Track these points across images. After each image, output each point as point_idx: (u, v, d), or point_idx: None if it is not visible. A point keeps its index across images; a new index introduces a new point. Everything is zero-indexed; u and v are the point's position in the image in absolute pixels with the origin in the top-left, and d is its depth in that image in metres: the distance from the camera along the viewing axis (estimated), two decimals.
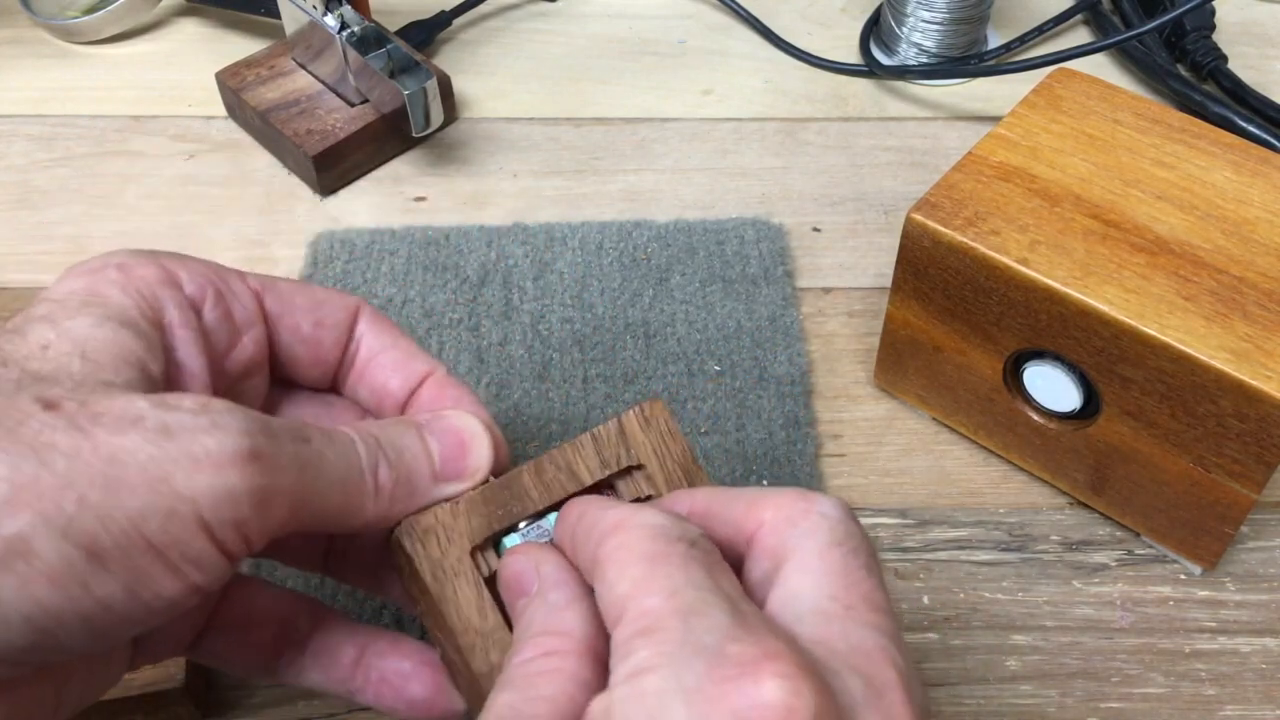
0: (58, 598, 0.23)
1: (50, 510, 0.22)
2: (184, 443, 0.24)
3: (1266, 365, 0.34)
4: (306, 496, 0.26)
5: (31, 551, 0.22)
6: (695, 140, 0.57)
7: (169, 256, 0.29)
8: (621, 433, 0.31)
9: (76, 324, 0.26)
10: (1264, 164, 0.40)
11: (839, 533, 0.25)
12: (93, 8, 0.62)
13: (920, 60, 0.60)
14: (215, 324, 0.29)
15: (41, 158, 0.56)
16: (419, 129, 0.52)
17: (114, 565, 0.23)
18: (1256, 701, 0.38)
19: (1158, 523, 0.40)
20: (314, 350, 0.32)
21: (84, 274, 0.28)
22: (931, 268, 0.40)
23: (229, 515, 0.24)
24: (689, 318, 0.48)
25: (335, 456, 0.27)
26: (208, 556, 0.24)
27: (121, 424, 0.24)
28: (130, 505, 0.23)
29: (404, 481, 0.29)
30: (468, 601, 0.28)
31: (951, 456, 0.44)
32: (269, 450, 0.25)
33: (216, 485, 0.24)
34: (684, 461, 0.31)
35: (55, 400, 0.24)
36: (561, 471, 0.30)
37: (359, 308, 0.32)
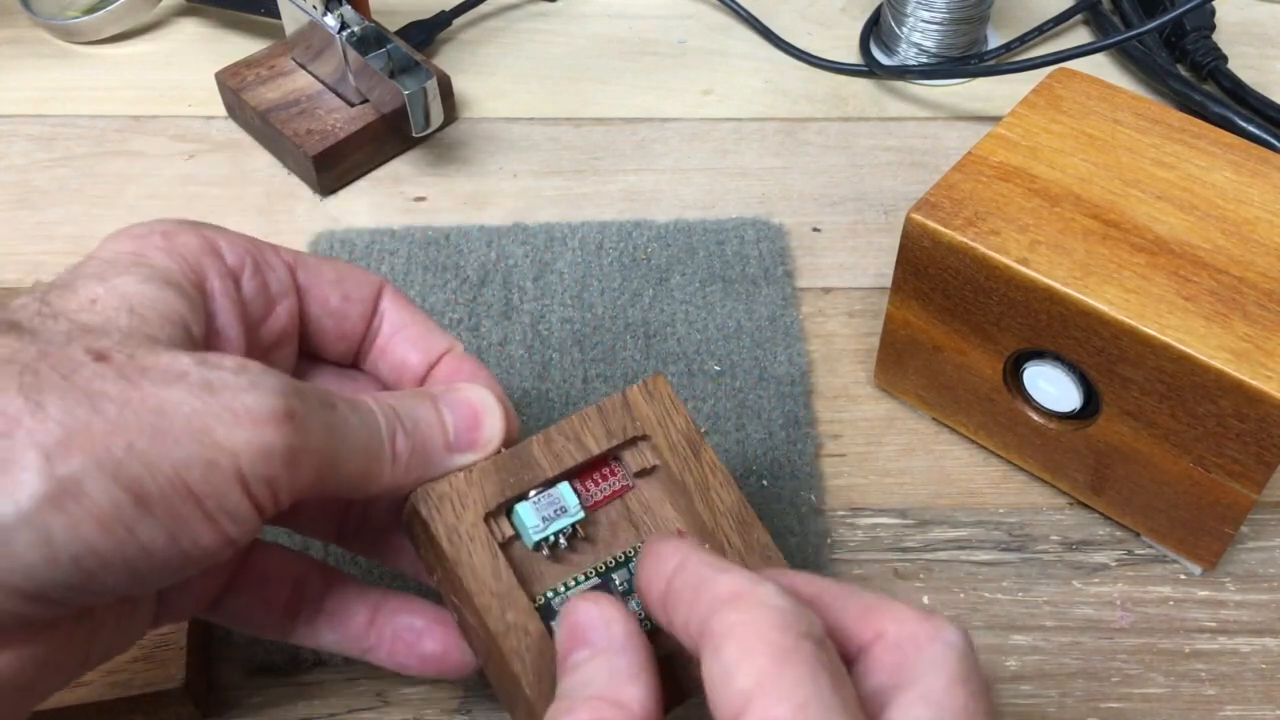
0: (105, 540, 0.23)
1: (101, 454, 0.23)
2: (225, 398, 0.25)
3: (1266, 365, 0.34)
4: (331, 460, 0.27)
5: (83, 493, 0.23)
6: (695, 140, 0.57)
7: (209, 227, 0.30)
8: (626, 404, 0.32)
9: (124, 281, 0.27)
10: (1264, 164, 0.40)
11: (964, 668, 0.25)
12: (93, 8, 0.62)
13: (920, 60, 0.60)
14: (252, 294, 0.30)
15: (41, 158, 0.56)
16: (419, 129, 0.52)
17: (158, 511, 0.24)
18: (1256, 701, 0.38)
19: (1158, 523, 0.40)
20: (340, 324, 0.32)
21: (130, 238, 0.29)
22: (931, 268, 0.40)
23: (263, 470, 0.25)
24: (689, 318, 0.48)
25: (358, 423, 0.28)
26: (242, 509, 0.25)
27: (167, 377, 0.25)
28: (175, 454, 0.24)
29: (419, 450, 0.29)
30: (483, 564, 0.29)
31: (951, 456, 0.44)
32: (302, 411, 0.26)
33: (254, 440, 0.25)
34: (687, 432, 0.32)
35: (105, 351, 0.25)
36: (570, 441, 0.31)
37: (382, 285, 0.33)
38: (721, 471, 0.32)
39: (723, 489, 0.32)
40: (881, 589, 0.41)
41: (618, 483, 0.33)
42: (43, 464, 0.23)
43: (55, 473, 0.23)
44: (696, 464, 0.32)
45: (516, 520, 0.31)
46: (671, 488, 0.32)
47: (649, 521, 0.33)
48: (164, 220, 0.30)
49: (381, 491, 0.29)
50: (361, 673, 0.38)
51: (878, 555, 0.42)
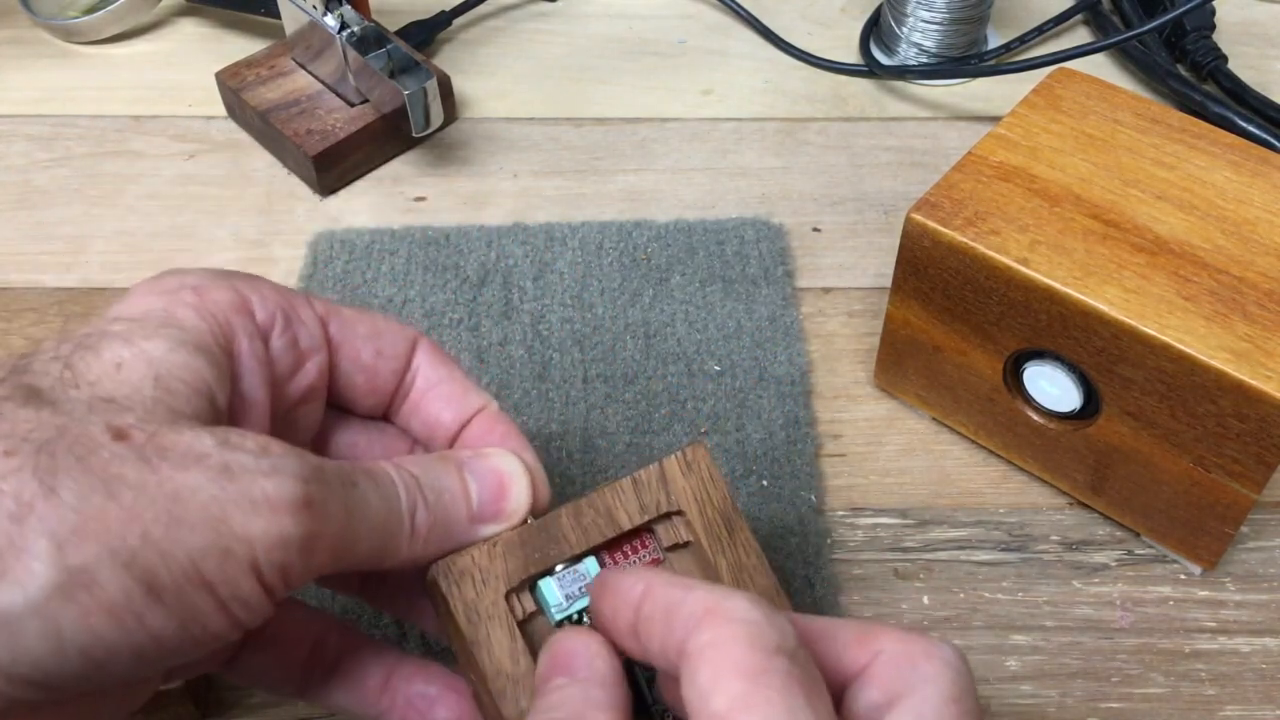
0: (114, 630, 0.23)
1: (115, 544, 0.23)
2: (244, 484, 0.24)
3: (1266, 365, 0.34)
4: (349, 541, 0.26)
5: (94, 583, 0.22)
6: (695, 140, 0.57)
7: (242, 279, 0.30)
8: (663, 477, 0.31)
9: (151, 345, 0.26)
10: (1264, 164, 0.40)
11: (959, 687, 0.25)
12: (93, 8, 0.62)
13: (920, 60, 0.60)
14: (281, 351, 0.30)
15: (41, 158, 0.56)
16: (419, 129, 0.52)
17: (169, 600, 0.23)
18: (1256, 701, 0.38)
19: (1158, 523, 0.40)
20: (371, 379, 0.32)
21: (160, 293, 0.28)
22: (931, 268, 0.40)
23: (278, 559, 0.25)
24: (689, 318, 0.48)
25: (378, 500, 0.27)
26: (254, 596, 0.25)
27: (186, 460, 0.24)
28: (190, 543, 0.23)
29: (440, 524, 0.29)
30: (500, 646, 0.29)
31: (951, 456, 0.44)
32: (320, 497, 0.25)
33: (270, 530, 0.24)
34: (724, 508, 0.31)
35: (125, 430, 0.24)
36: (600, 516, 0.30)
37: (417, 339, 0.33)
38: (756, 552, 0.31)
39: (756, 573, 0.31)
40: (881, 589, 0.41)
41: (648, 555, 0.31)
42: (54, 553, 0.22)
43: (67, 562, 0.22)
44: (731, 544, 0.31)
45: (540, 596, 0.30)
46: (704, 564, 0.31)
47: None
48: (195, 271, 0.29)
49: (399, 565, 0.28)
50: None
51: (878, 555, 0.42)
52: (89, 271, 0.51)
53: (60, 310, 0.49)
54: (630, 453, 0.43)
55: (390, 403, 0.33)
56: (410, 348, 0.32)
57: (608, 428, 0.44)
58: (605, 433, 0.44)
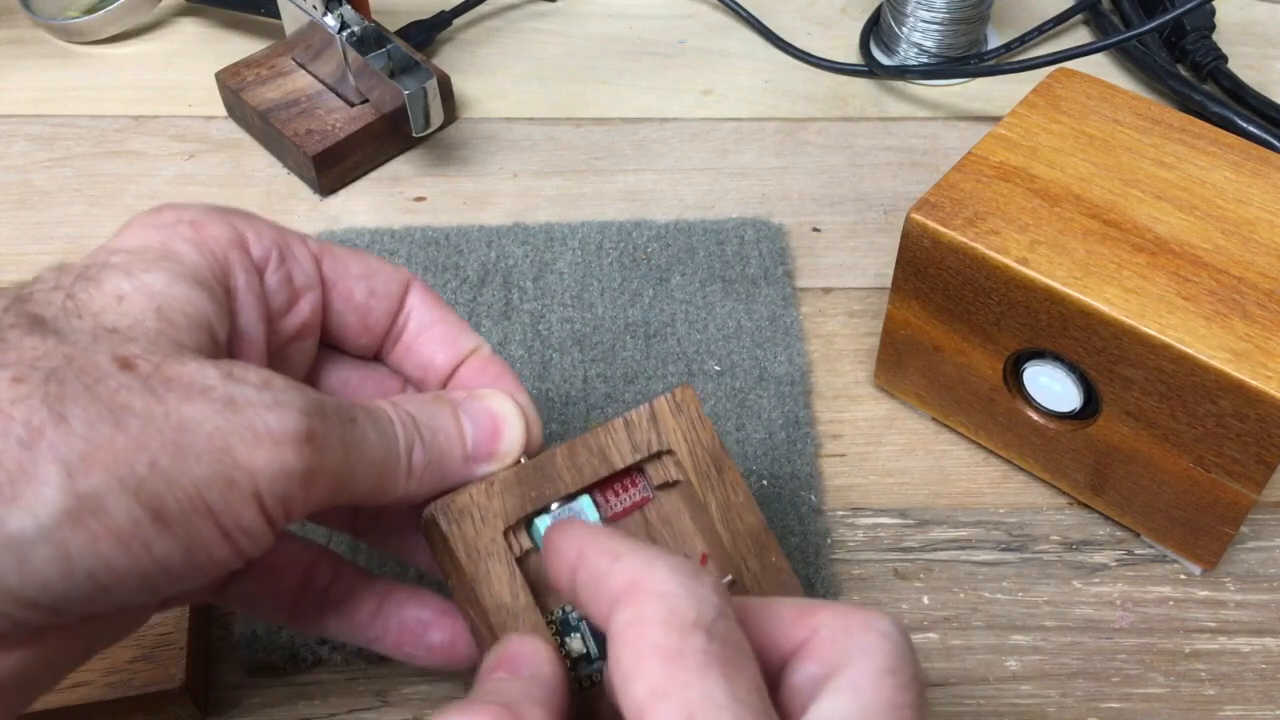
0: (122, 557, 0.23)
1: (124, 471, 0.23)
2: (248, 417, 0.25)
3: (1266, 365, 0.34)
4: (347, 476, 0.27)
5: (103, 510, 0.23)
6: (695, 140, 0.57)
7: (239, 215, 0.30)
8: (653, 417, 0.32)
9: (152, 278, 0.26)
10: (1264, 164, 0.40)
11: (895, 659, 0.24)
12: (93, 8, 0.62)
13: (920, 60, 0.60)
14: (276, 286, 0.30)
15: (41, 158, 0.56)
16: (419, 129, 0.52)
17: (175, 528, 0.24)
18: (1256, 701, 0.38)
19: (1158, 523, 0.40)
20: (364, 318, 0.32)
21: (157, 227, 0.28)
22: (931, 268, 0.40)
23: (280, 490, 0.25)
24: (689, 318, 0.48)
25: (376, 437, 0.28)
26: (257, 526, 0.25)
27: (191, 392, 0.24)
28: (196, 472, 0.24)
29: (436, 463, 0.29)
30: (500, 580, 0.29)
31: (951, 456, 0.44)
32: (321, 431, 0.26)
33: (273, 461, 0.25)
34: (712, 448, 0.32)
35: (131, 359, 0.24)
36: (594, 455, 0.31)
37: (410, 281, 0.33)
38: (744, 491, 0.32)
39: (744, 510, 0.32)
40: (881, 589, 0.41)
41: (638, 494, 0.32)
42: (64, 479, 0.23)
43: (76, 488, 0.23)
44: (719, 482, 0.32)
45: (535, 533, 0.30)
46: (692, 503, 0.32)
47: (667, 535, 0.32)
48: (192, 207, 0.29)
49: (394, 502, 0.29)
50: (361, 673, 0.38)
51: (878, 555, 0.42)
52: None
53: None
54: None
55: (382, 343, 0.33)
56: (403, 289, 0.32)
57: None
58: None
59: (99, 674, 0.35)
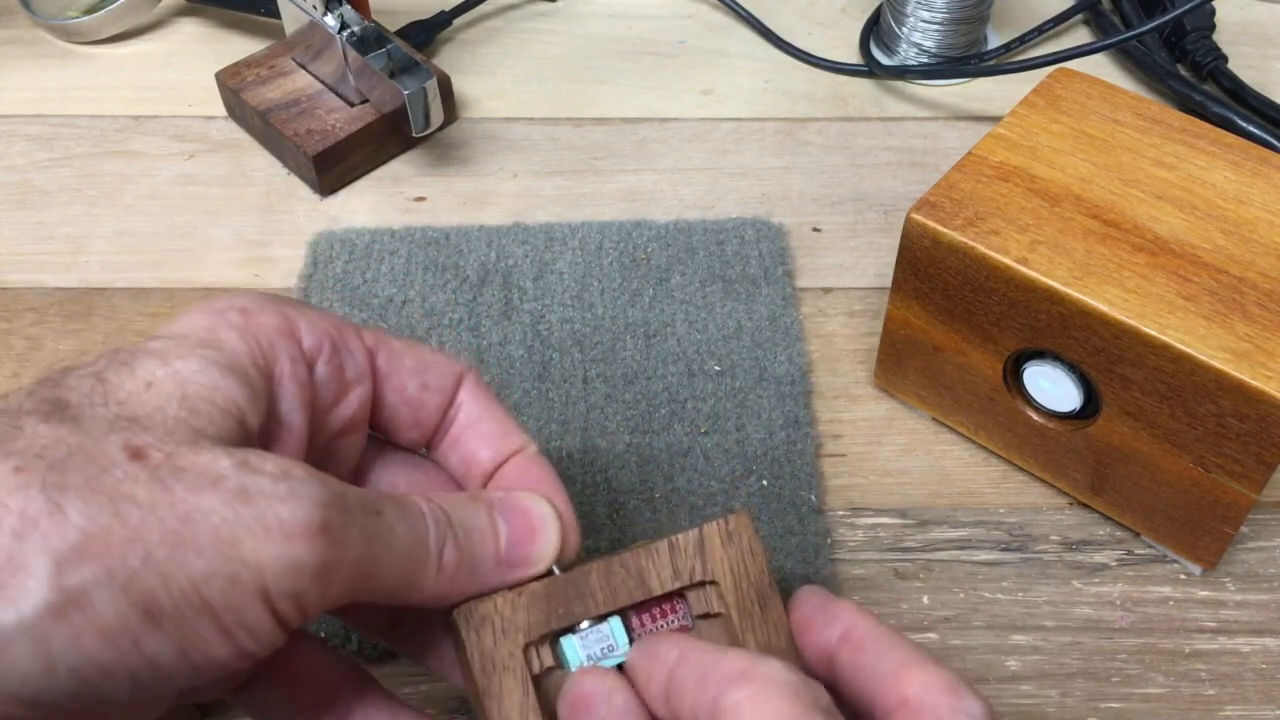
0: (107, 652, 0.22)
1: (115, 564, 0.22)
2: (259, 509, 0.24)
3: (1267, 365, 0.34)
4: (370, 570, 0.26)
5: (89, 604, 0.22)
6: (695, 140, 0.57)
7: (292, 305, 0.29)
8: (701, 545, 0.30)
9: (185, 365, 0.26)
10: (1264, 164, 0.40)
11: None
12: (93, 8, 0.62)
13: (920, 60, 0.60)
14: (325, 379, 0.29)
15: (41, 158, 0.56)
16: (419, 129, 0.52)
17: (168, 624, 0.23)
18: (1256, 701, 0.38)
19: (1158, 523, 0.40)
20: (415, 412, 0.31)
21: (208, 313, 0.28)
22: (931, 268, 0.40)
23: (289, 586, 0.24)
24: (689, 318, 0.48)
25: (404, 531, 0.27)
26: (263, 624, 0.24)
27: (201, 482, 0.24)
28: (195, 567, 0.23)
29: (467, 563, 0.28)
30: (511, 699, 0.28)
31: (951, 456, 0.44)
32: (339, 524, 0.25)
33: (282, 556, 0.24)
34: (759, 584, 0.30)
35: (142, 449, 0.24)
36: (631, 576, 0.29)
37: (464, 374, 0.32)
38: (787, 636, 0.30)
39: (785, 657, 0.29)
40: (881, 589, 0.41)
41: (676, 621, 0.30)
42: (51, 571, 0.22)
43: (63, 582, 0.22)
44: (762, 622, 0.30)
45: (561, 654, 0.29)
46: (733, 638, 0.30)
47: None
48: (249, 295, 0.29)
49: (424, 601, 0.28)
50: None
51: (878, 555, 0.42)
52: (89, 271, 0.51)
53: (60, 310, 0.49)
54: (630, 453, 0.43)
55: (433, 436, 0.32)
56: (456, 383, 0.32)
57: (608, 428, 0.44)
58: (605, 433, 0.44)
59: None
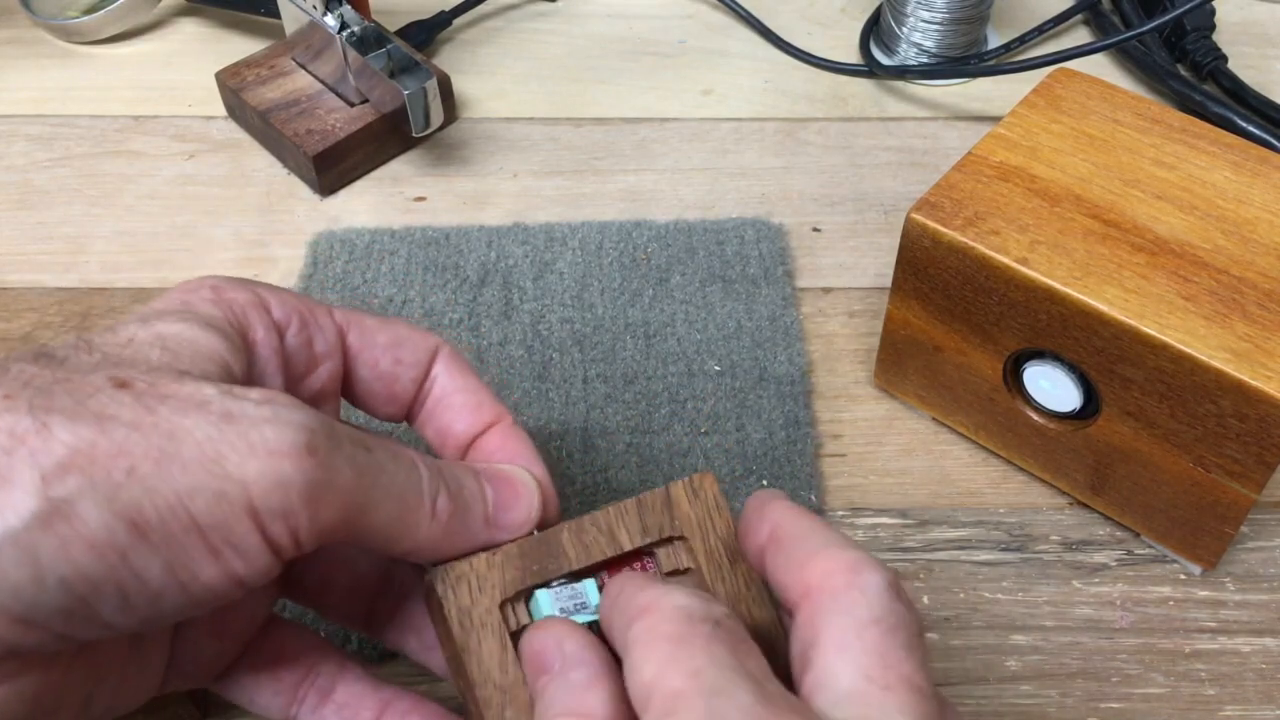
0: (96, 564, 0.23)
1: (99, 476, 0.23)
2: (243, 428, 0.24)
3: (1267, 365, 0.34)
4: (361, 502, 0.26)
5: (75, 515, 0.23)
6: (695, 140, 0.57)
7: (263, 286, 0.30)
8: (668, 501, 0.31)
9: (165, 325, 0.27)
10: (1264, 164, 0.40)
11: (876, 608, 0.24)
12: (93, 8, 0.62)
13: (920, 60, 0.60)
14: (295, 349, 0.30)
15: (41, 158, 0.56)
16: (419, 129, 0.52)
17: (156, 539, 0.23)
18: (1256, 701, 0.38)
19: (1158, 523, 0.40)
20: (390, 386, 0.32)
21: (181, 291, 0.29)
22: (931, 268, 0.40)
23: (278, 505, 0.24)
24: (689, 318, 0.48)
25: (395, 469, 0.27)
26: (252, 545, 0.24)
27: (187, 406, 0.24)
28: (180, 482, 0.23)
29: (461, 513, 0.29)
30: (490, 654, 0.28)
31: (951, 456, 0.44)
32: (325, 447, 0.25)
33: (268, 472, 0.24)
34: (727, 537, 0.31)
35: (127, 379, 0.24)
36: (602, 534, 0.30)
37: (439, 348, 0.33)
38: (757, 585, 0.30)
39: (754, 604, 0.30)
40: None
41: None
42: (38, 484, 0.22)
43: (49, 493, 0.22)
44: (731, 573, 0.30)
45: (534, 608, 0.30)
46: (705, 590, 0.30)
47: None
48: (215, 275, 0.30)
49: (417, 547, 0.28)
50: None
51: (878, 555, 0.41)
52: (89, 271, 0.51)
53: (60, 310, 0.49)
54: (630, 453, 0.43)
55: (410, 409, 0.33)
56: (430, 357, 0.32)
57: (608, 428, 0.44)
58: (605, 433, 0.44)
59: None
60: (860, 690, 0.23)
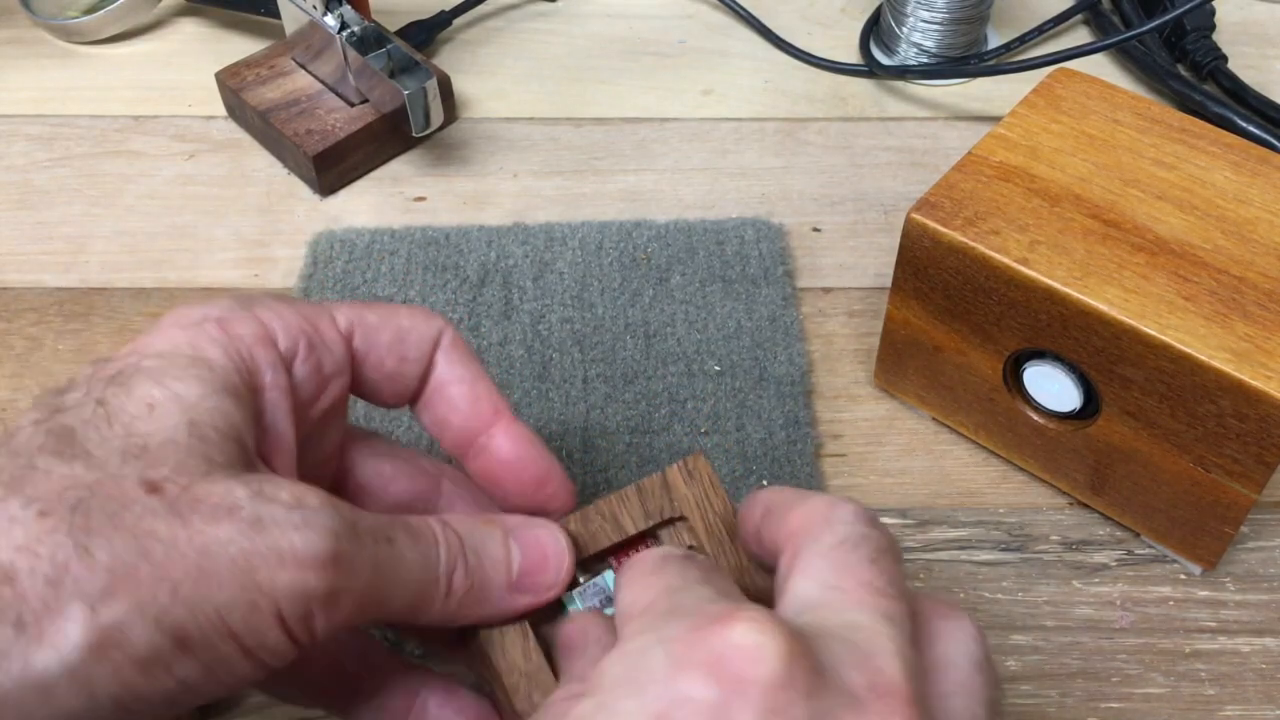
0: (144, 682, 0.24)
1: (146, 599, 0.23)
2: (273, 537, 0.25)
3: (1267, 365, 0.34)
4: (376, 598, 0.27)
5: (125, 640, 0.23)
6: (695, 140, 0.57)
7: (264, 306, 0.30)
8: (665, 485, 0.32)
9: (184, 387, 0.27)
10: (1264, 164, 0.40)
11: (842, 533, 0.26)
12: (93, 8, 0.62)
13: (920, 60, 0.60)
14: (304, 378, 0.30)
15: (41, 158, 0.56)
16: (419, 129, 0.52)
17: (198, 651, 0.24)
18: (1256, 701, 0.38)
19: (1158, 523, 0.40)
20: (395, 384, 0.32)
21: (184, 327, 0.28)
22: (931, 268, 0.40)
23: (301, 610, 0.25)
24: (689, 318, 0.48)
25: (414, 558, 0.28)
26: (280, 645, 0.25)
27: (218, 513, 0.25)
28: (218, 597, 0.24)
29: (478, 588, 0.29)
30: (513, 644, 0.30)
31: (951, 456, 0.44)
32: (349, 553, 0.26)
33: (295, 583, 0.25)
34: (724, 514, 0.32)
35: (158, 484, 0.25)
36: (606, 521, 0.32)
37: (440, 337, 0.32)
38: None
39: (757, 575, 0.31)
40: None
41: None
42: (87, 614, 0.23)
43: (99, 622, 0.23)
44: (733, 549, 0.32)
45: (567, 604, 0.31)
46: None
47: None
48: (220, 303, 0.29)
49: (432, 623, 0.29)
50: None
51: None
52: (89, 271, 0.51)
53: (60, 310, 0.49)
54: (630, 453, 0.43)
55: (413, 397, 0.33)
56: (433, 347, 0.32)
57: (608, 428, 0.44)
58: (605, 433, 0.44)
59: None
60: (818, 596, 0.25)
